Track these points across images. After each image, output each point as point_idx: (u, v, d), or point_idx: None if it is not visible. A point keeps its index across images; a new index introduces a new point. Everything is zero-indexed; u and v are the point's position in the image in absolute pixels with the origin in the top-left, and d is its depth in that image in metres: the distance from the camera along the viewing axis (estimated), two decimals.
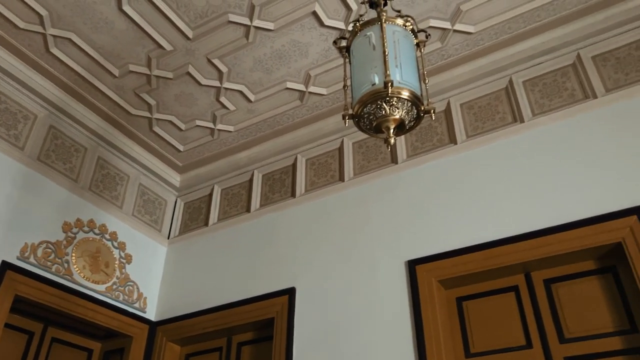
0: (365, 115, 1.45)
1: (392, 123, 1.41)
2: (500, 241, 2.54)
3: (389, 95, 1.38)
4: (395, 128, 1.43)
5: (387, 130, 1.42)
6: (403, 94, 1.41)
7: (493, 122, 2.94)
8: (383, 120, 1.41)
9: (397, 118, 1.41)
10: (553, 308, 2.45)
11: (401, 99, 1.40)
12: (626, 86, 2.62)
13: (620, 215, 2.33)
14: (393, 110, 1.39)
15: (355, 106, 1.47)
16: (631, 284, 2.30)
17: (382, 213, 3.01)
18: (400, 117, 1.41)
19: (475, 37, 2.96)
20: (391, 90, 1.38)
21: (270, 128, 3.61)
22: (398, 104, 1.40)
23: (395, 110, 1.40)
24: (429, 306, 2.60)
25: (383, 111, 1.40)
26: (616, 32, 2.76)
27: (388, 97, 1.39)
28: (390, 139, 1.41)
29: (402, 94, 1.40)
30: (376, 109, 1.41)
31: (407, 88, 1.41)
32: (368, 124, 1.46)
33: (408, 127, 1.46)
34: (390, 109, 1.39)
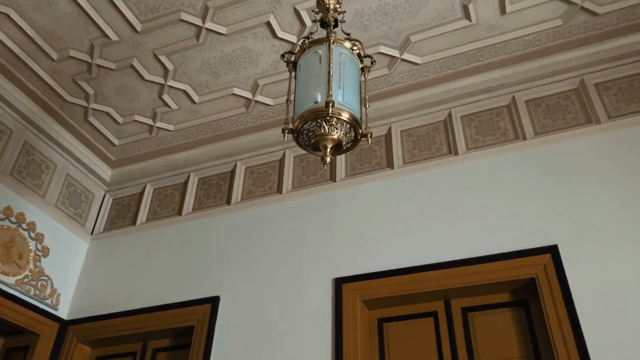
0: (305, 132, 1.46)
1: (330, 142, 1.43)
2: (424, 267, 2.62)
3: (329, 115, 1.41)
4: (332, 148, 1.45)
5: (324, 148, 1.44)
6: (343, 115, 1.44)
7: (429, 151, 3.05)
8: (321, 139, 1.43)
9: (335, 138, 1.43)
10: (467, 336, 2.54)
11: (341, 120, 1.43)
12: (553, 132, 2.79)
13: (536, 253, 2.46)
14: (332, 130, 1.42)
15: (296, 121, 1.48)
16: (540, 319, 2.43)
17: (316, 229, 3.03)
18: (338, 138, 1.43)
19: (421, 68, 3.07)
20: (332, 111, 1.40)
21: (212, 132, 3.56)
22: (337, 124, 1.42)
23: (334, 131, 1.42)
24: (351, 325, 2.63)
25: (322, 130, 1.42)
26: (549, 81, 2.95)
27: (328, 117, 1.41)
28: (327, 158, 1.43)
29: (342, 115, 1.43)
30: (316, 127, 1.43)
31: (347, 110, 1.44)
32: (307, 141, 1.48)
33: (345, 148, 1.49)
34: (329, 128, 1.42)
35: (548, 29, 2.81)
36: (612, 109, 2.72)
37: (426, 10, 2.73)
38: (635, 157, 2.52)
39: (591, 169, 2.59)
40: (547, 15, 2.75)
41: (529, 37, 2.86)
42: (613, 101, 2.74)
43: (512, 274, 2.49)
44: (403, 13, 2.75)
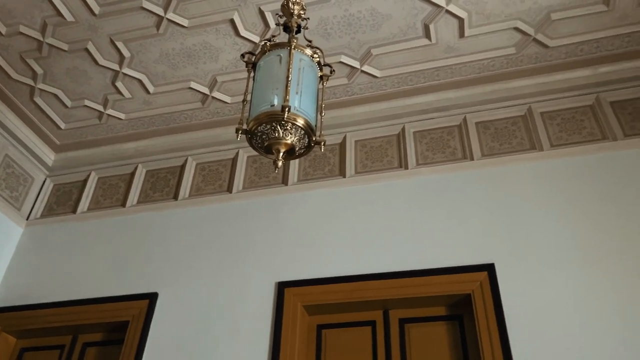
0: (259, 134, 1.46)
1: (283, 147, 1.43)
2: (366, 276, 2.66)
3: (284, 120, 1.41)
4: (285, 152, 1.45)
5: (277, 152, 1.44)
6: (298, 121, 1.44)
7: (381, 163, 3.10)
8: (274, 142, 1.43)
9: (288, 143, 1.44)
10: (403, 347, 2.59)
11: (295, 125, 1.44)
12: (499, 155, 2.91)
13: (473, 270, 2.55)
14: (286, 134, 1.42)
15: (250, 122, 1.48)
16: (472, 334, 2.51)
17: (264, 231, 3.01)
18: (291, 143, 1.44)
19: (379, 82, 3.13)
20: (287, 115, 1.41)
21: (164, 124, 3.48)
22: (292, 129, 1.43)
23: (288, 135, 1.43)
24: (290, 330, 2.63)
25: (276, 133, 1.42)
26: (499, 106, 3.07)
27: (283, 121, 1.42)
28: (279, 162, 1.43)
29: (297, 121, 1.44)
30: (270, 130, 1.43)
31: (303, 116, 1.45)
32: (260, 143, 1.47)
33: (298, 153, 1.50)
34: (283, 132, 1.42)
35: (502, 56, 2.93)
36: (554, 138, 2.87)
37: (389, 25, 2.79)
38: (573, 185, 2.66)
39: (531, 193, 2.71)
40: (502, 43, 2.87)
41: (484, 62, 2.97)
42: (556, 130, 2.89)
43: (450, 289, 2.56)
44: (366, 26, 2.80)
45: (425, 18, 2.75)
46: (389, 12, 2.72)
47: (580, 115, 2.90)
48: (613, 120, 2.80)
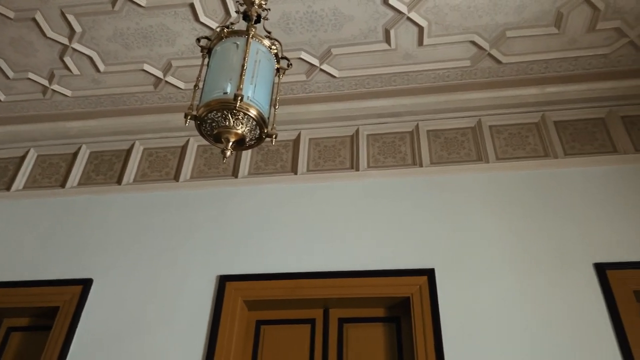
0: (209, 121, 1.42)
1: (233, 136, 1.40)
2: (309, 274, 2.66)
3: (236, 108, 1.38)
4: (235, 142, 1.42)
5: (226, 141, 1.41)
6: (250, 111, 1.42)
7: (333, 163, 3.11)
8: (224, 131, 1.40)
9: (239, 133, 1.41)
10: (340, 346, 2.61)
11: (247, 115, 1.41)
12: (447, 163, 2.98)
13: (414, 274, 2.60)
14: (237, 124, 1.39)
15: (200, 108, 1.44)
16: (408, 337, 2.55)
17: (209, 223, 2.96)
18: (242, 133, 1.41)
19: (337, 82, 3.14)
20: (240, 104, 1.38)
21: (113, 105, 3.35)
22: (243, 119, 1.40)
23: (239, 125, 1.40)
24: (229, 324, 2.60)
25: (227, 122, 1.39)
26: (450, 116, 3.15)
27: (235, 110, 1.39)
28: (227, 151, 1.40)
29: (249, 111, 1.42)
30: (221, 118, 1.40)
31: (256, 107, 1.43)
32: (209, 130, 1.44)
33: (248, 144, 1.47)
34: (234, 122, 1.39)
35: (457, 68, 3.01)
36: (500, 151, 2.97)
37: (350, 26, 2.80)
38: (513, 199, 2.76)
39: (475, 203, 2.79)
40: (458, 54, 2.94)
41: (439, 72, 3.04)
42: (502, 144, 2.99)
43: (390, 291, 2.60)
44: (328, 25, 2.80)
45: (387, 23, 2.78)
46: (351, 13, 2.73)
47: (526, 131, 3.02)
48: (555, 138, 2.93)
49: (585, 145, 2.89)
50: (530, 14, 2.70)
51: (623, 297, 2.34)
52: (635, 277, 2.39)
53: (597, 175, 2.76)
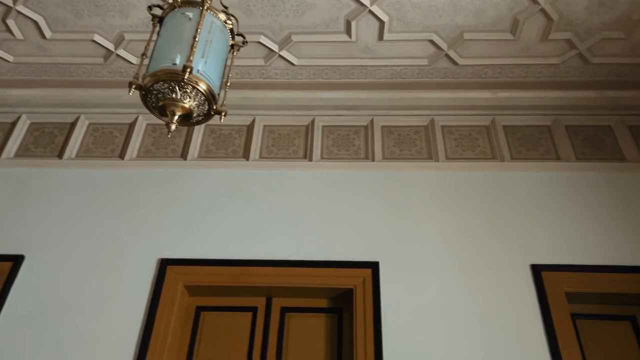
0: (155, 92, 1.36)
1: (179, 110, 1.35)
2: (254, 262, 2.62)
3: (184, 81, 1.33)
4: (180, 116, 1.37)
5: (171, 114, 1.35)
6: (200, 85, 1.36)
7: (287, 152, 3.08)
8: (170, 104, 1.34)
9: (185, 106, 1.35)
10: (281, 335, 2.59)
11: (196, 89, 1.36)
12: (398, 160, 3.00)
13: (358, 266, 2.61)
14: (184, 97, 1.34)
15: (146, 78, 1.37)
16: (349, 328, 2.56)
17: (154, 204, 2.86)
18: (189, 107, 1.36)
19: (296, 70, 3.10)
20: (189, 77, 1.32)
21: (59, 75, 3.18)
22: (191, 93, 1.35)
23: (187, 98, 1.34)
24: (167, 308, 2.53)
25: (174, 94, 1.33)
26: (405, 113, 3.17)
27: (183, 82, 1.33)
28: (172, 125, 1.34)
29: (199, 85, 1.36)
30: (168, 90, 1.34)
31: (205, 81, 1.38)
32: (155, 102, 1.37)
33: (195, 120, 1.42)
34: (182, 94, 1.33)
35: (414, 66, 3.03)
36: (450, 151, 3.02)
37: (312, 14, 2.77)
38: (460, 198, 2.81)
39: (423, 200, 2.82)
40: (416, 53, 2.97)
41: (397, 68, 3.06)
42: (453, 145, 3.04)
43: (334, 283, 2.60)
44: (290, 10, 2.75)
45: (349, 14, 2.76)
46: (314, 0, 2.69)
47: (476, 133, 3.08)
48: (503, 142, 3.01)
49: (531, 150, 2.98)
50: (488, 19, 2.76)
51: (555, 297, 2.44)
52: (567, 279, 2.49)
53: (540, 181, 2.85)
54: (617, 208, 2.73)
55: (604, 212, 2.71)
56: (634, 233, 2.63)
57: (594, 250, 2.58)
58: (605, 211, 2.72)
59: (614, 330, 2.48)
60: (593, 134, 3.02)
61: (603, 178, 2.84)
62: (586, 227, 2.66)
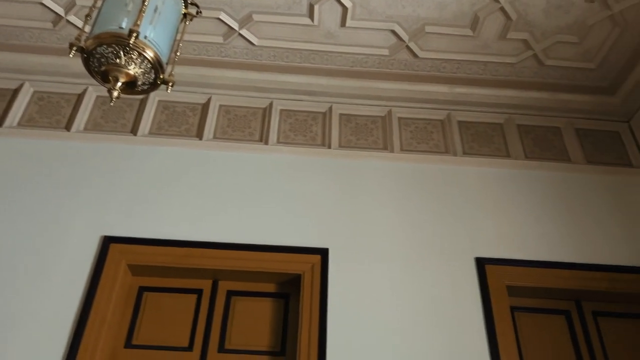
0: (97, 56, 1.28)
1: (123, 76, 1.28)
2: (201, 243, 2.57)
3: (130, 45, 1.26)
4: (124, 83, 1.30)
5: (114, 80, 1.28)
6: (147, 52, 1.30)
7: (242, 133, 3.02)
8: (113, 69, 1.27)
9: (130, 73, 1.28)
10: (225, 319, 2.55)
11: (143, 56, 1.29)
12: (354, 148, 3.00)
13: (308, 252, 2.59)
14: (129, 63, 1.27)
15: (89, 40, 1.29)
16: (295, 314, 2.55)
17: (100, 179, 2.76)
18: (133, 74, 1.29)
19: (256, 50, 3.04)
20: (135, 42, 1.26)
21: (3, 38, 3.00)
22: (137, 59, 1.28)
23: (131, 65, 1.28)
24: (108, 287, 2.44)
25: (118, 59, 1.26)
26: (364, 102, 3.17)
27: (129, 47, 1.26)
28: (114, 92, 1.27)
29: (146, 51, 1.30)
30: (111, 54, 1.27)
31: (153, 48, 1.31)
32: (97, 66, 1.30)
33: (140, 89, 1.35)
34: (126, 60, 1.27)
35: (375, 55, 3.03)
36: (405, 143, 3.04)
37: None
38: (412, 189, 2.84)
39: (376, 190, 2.83)
40: (378, 42, 2.96)
41: (358, 57, 3.04)
42: (408, 137, 3.07)
43: (283, 268, 2.58)
44: None
45: None
46: None
47: (432, 127, 3.12)
48: (457, 137, 3.06)
49: (483, 147, 3.04)
50: (450, 13, 2.78)
51: (496, 290, 2.50)
52: (509, 273, 2.56)
53: (489, 176, 2.91)
54: (560, 207, 2.82)
55: (548, 211, 2.80)
56: (574, 232, 2.73)
57: (536, 246, 2.67)
58: (549, 209, 2.81)
59: (549, 324, 2.57)
60: (543, 134, 3.11)
61: (549, 177, 2.93)
62: (530, 223, 2.75)
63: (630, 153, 3.05)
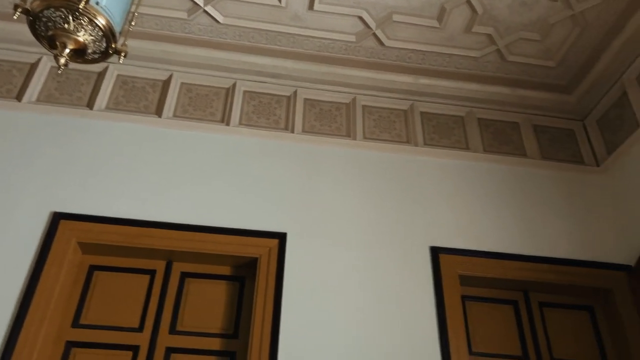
0: (44, 19, 1.22)
1: (72, 43, 1.22)
2: (154, 223, 2.51)
3: (80, 10, 1.20)
4: (73, 50, 1.24)
5: (61, 46, 1.21)
6: (98, 19, 1.24)
7: (203, 113, 2.96)
8: (61, 34, 1.21)
9: (79, 40, 1.22)
10: (178, 300, 2.51)
11: (93, 22, 1.23)
12: (317, 134, 2.98)
13: (265, 236, 2.58)
14: (78, 29, 1.21)
15: (35, 2, 1.22)
16: (250, 297, 2.53)
17: (52, 153, 2.66)
18: (83, 41, 1.23)
19: (220, 28, 2.97)
20: (85, 6, 1.20)
21: None
22: (87, 26, 1.22)
23: (81, 31, 1.22)
24: (56, 264, 2.37)
25: (66, 25, 1.20)
26: (329, 88, 3.15)
27: (79, 12, 1.20)
28: (61, 59, 1.21)
29: (97, 18, 1.24)
30: (59, 19, 1.20)
31: (105, 16, 1.25)
32: (44, 30, 1.23)
33: (90, 57, 1.29)
34: (75, 26, 1.21)
35: (342, 41, 3.01)
36: (368, 131, 3.05)
37: None
38: (373, 177, 2.84)
39: (337, 176, 2.83)
40: (345, 28, 2.94)
41: (325, 42, 3.02)
42: (371, 125, 3.07)
43: (239, 251, 2.56)
44: None
45: None
46: None
47: (395, 116, 3.13)
48: (419, 128, 3.08)
49: (444, 138, 3.08)
50: (417, 2, 2.78)
51: (449, 279, 2.55)
52: (462, 263, 2.61)
53: (448, 168, 2.96)
54: (515, 200, 2.89)
55: (503, 203, 2.87)
56: (526, 225, 2.80)
57: (489, 238, 2.73)
58: (504, 202, 2.87)
59: (498, 313, 2.65)
60: (502, 128, 3.18)
61: (505, 171, 2.99)
62: (485, 215, 2.81)
63: (583, 151, 3.15)
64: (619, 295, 2.63)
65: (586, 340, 2.63)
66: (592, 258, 2.73)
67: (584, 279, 2.67)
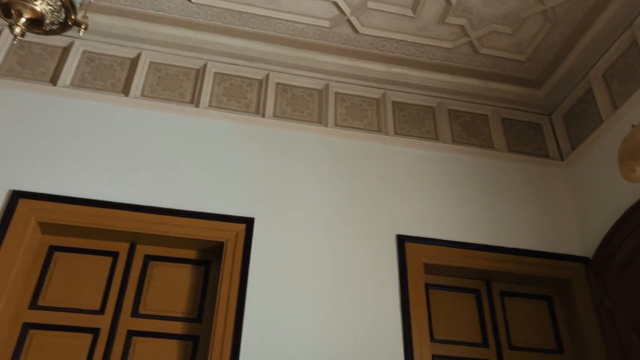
0: None
1: (28, 12, 1.16)
2: (118, 205, 2.46)
3: None
4: (29, 20, 1.18)
5: (17, 15, 1.16)
6: None
7: (172, 94, 2.90)
8: (17, 2, 1.15)
9: (36, 10, 1.17)
10: (141, 283, 2.48)
11: None
12: (288, 119, 2.96)
13: (233, 220, 2.55)
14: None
15: None
16: (215, 282, 2.50)
17: (11, 129, 2.57)
18: (40, 11, 1.18)
19: (192, 8, 2.90)
20: None
21: None
22: None
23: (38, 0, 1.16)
24: (14, 244, 2.30)
25: None
26: (301, 74, 3.12)
27: None
28: (17, 28, 1.15)
29: None
30: None
31: None
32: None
33: (48, 28, 1.24)
34: None
35: (316, 26, 2.98)
36: (340, 119, 3.04)
37: None
38: (343, 164, 2.84)
39: (307, 162, 2.82)
40: (320, 12, 2.91)
41: (299, 26, 2.98)
42: (343, 112, 3.06)
43: (206, 235, 2.53)
44: None
45: None
46: None
47: (367, 104, 3.13)
48: (390, 117, 3.09)
49: (414, 128, 3.09)
50: None
51: (414, 267, 2.59)
52: (427, 251, 2.65)
53: (417, 157, 2.98)
54: (482, 191, 2.94)
55: (470, 194, 2.91)
56: (491, 215, 2.85)
57: (455, 227, 2.77)
58: (471, 193, 2.92)
59: (460, 301, 2.70)
60: (471, 120, 3.21)
61: (473, 162, 3.03)
62: (452, 205, 2.84)
63: (549, 145, 3.21)
64: (577, 286, 2.71)
65: (544, 329, 2.71)
66: (553, 250, 2.80)
67: (545, 270, 2.74)
